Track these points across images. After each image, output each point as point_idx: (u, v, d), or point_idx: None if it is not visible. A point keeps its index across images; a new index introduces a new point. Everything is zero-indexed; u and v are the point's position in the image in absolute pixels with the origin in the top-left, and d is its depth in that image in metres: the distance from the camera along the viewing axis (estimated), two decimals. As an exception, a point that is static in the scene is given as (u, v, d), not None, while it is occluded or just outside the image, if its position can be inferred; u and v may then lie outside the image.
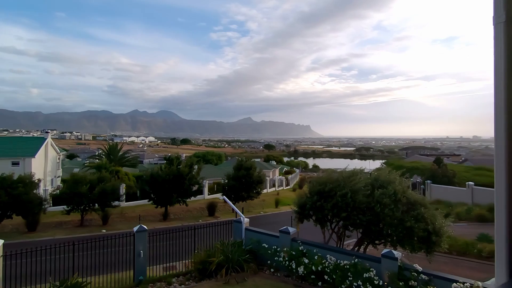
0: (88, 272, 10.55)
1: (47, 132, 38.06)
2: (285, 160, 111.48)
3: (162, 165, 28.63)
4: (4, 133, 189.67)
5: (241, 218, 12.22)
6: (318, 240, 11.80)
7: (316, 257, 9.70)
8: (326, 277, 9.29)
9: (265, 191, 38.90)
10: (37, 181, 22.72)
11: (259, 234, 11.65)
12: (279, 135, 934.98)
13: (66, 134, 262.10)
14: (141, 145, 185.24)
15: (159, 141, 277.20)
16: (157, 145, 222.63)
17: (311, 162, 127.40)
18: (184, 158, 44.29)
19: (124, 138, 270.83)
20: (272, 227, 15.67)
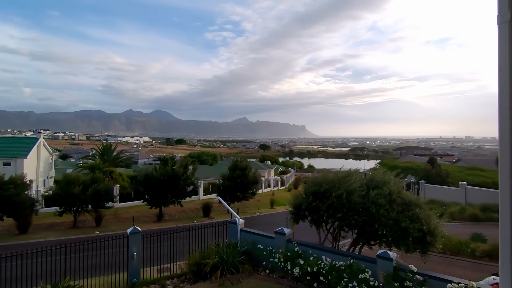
0: (80, 274, 10.38)
1: (40, 132, 37.50)
2: (280, 160, 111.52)
3: (156, 165, 28.39)
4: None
5: (236, 219, 12.14)
6: (313, 240, 11.77)
7: (311, 258, 9.67)
8: (321, 278, 9.26)
9: (260, 191, 38.84)
10: (28, 182, 22.37)
11: (254, 235, 11.58)
12: (274, 135, 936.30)
13: (59, 134, 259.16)
14: (135, 145, 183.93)
15: (154, 141, 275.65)
16: (152, 145, 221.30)
17: (306, 162, 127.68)
18: (179, 158, 44.03)
19: (118, 138, 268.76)
20: (267, 227, 15.60)
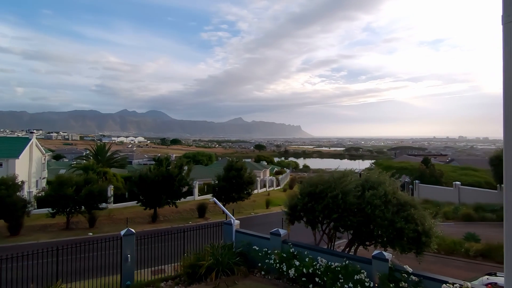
0: (73, 277, 10.22)
1: (32, 132, 37.00)
2: (275, 160, 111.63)
3: (151, 166, 28.17)
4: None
5: (231, 220, 12.06)
6: (309, 240, 11.75)
7: (307, 259, 9.63)
8: (317, 279, 9.23)
9: (255, 191, 38.79)
10: (20, 183, 22.02)
11: (250, 236, 11.52)
12: (269, 135, 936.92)
13: (52, 134, 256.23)
14: (130, 146, 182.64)
15: (149, 141, 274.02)
16: (147, 145, 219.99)
17: (301, 162, 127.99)
18: (174, 158, 43.80)
19: (112, 138, 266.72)
20: (263, 228, 15.55)
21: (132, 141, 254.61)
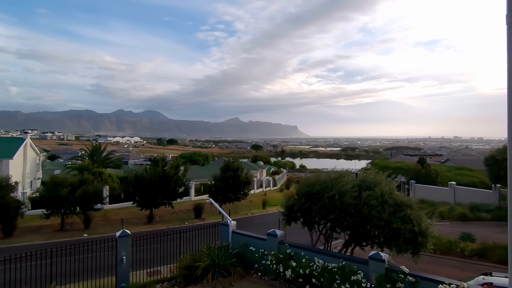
0: (67, 279, 10.09)
1: (26, 132, 36.68)
2: (272, 160, 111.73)
3: (147, 166, 27.98)
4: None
5: (228, 220, 11.99)
6: (305, 241, 11.72)
7: (304, 260, 9.59)
8: (314, 280, 9.20)
9: (252, 192, 38.73)
10: (14, 184, 21.76)
11: (246, 237, 11.46)
12: (266, 136, 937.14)
13: (47, 134, 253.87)
14: (126, 146, 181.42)
15: (145, 142, 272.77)
16: (143, 145, 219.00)
17: (298, 162, 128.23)
18: (170, 158, 43.64)
19: (108, 138, 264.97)
20: (259, 228, 15.52)
21: (128, 141, 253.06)
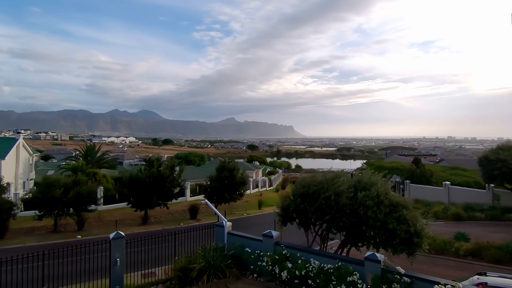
0: (59, 282, 9.92)
1: (19, 132, 36.11)
2: (268, 160, 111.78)
3: (142, 166, 27.74)
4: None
5: (223, 222, 11.91)
6: (301, 241, 11.69)
7: (299, 261, 9.56)
8: (310, 281, 9.16)
9: (248, 192, 38.66)
10: (6, 184, 21.42)
11: (242, 238, 11.39)
12: (262, 136, 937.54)
13: (41, 134, 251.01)
14: (121, 146, 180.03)
15: (140, 142, 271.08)
16: (138, 145, 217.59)
17: (293, 162, 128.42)
18: (165, 159, 43.32)
19: (103, 138, 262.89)
20: (255, 229, 15.45)
21: (123, 141, 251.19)
